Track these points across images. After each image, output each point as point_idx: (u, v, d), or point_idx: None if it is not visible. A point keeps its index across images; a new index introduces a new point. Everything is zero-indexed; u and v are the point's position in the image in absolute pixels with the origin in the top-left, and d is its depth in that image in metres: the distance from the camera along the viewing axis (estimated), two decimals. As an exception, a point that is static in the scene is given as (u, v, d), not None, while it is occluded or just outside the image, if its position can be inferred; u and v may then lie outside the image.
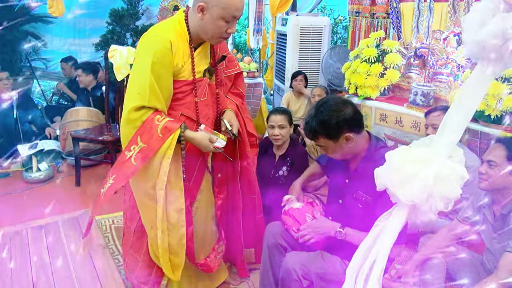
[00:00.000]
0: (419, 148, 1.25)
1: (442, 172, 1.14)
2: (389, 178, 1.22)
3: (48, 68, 5.73)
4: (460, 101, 1.19)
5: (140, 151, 1.61)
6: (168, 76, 1.67)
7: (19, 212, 2.91)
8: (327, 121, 1.58)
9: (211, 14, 1.62)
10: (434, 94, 2.88)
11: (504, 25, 1.04)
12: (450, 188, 1.14)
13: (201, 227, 2.03)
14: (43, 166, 3.60)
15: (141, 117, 1.62)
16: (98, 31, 5.52)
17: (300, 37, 4.50)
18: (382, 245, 1.25)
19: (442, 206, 1.17)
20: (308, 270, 1.65)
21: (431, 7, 3.10)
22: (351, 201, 1.70)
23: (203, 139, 1.71)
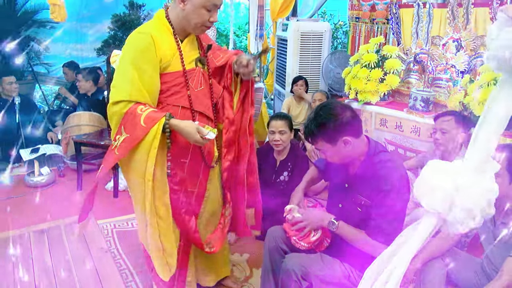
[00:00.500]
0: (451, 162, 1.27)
1: (464, 183, 1.14)
2: (416, 188, 1.23)
3: (50, 73, 5.78)
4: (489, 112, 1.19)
5: (123, 141, 1.61)
6: (153, 70, 1.67)
7: (21, 216, 2.92)
8: (326, 124, 1.60)
9: (192, 3, 1.64)
10: (434, 99, 2.91)
11: (506, 39, 1.05)
12: (472, 200, 1.14)
13: (209, 211, 2.03)
14: (45, 171, 3.61)
15: (120, 110, 1.62)
16: (100, 36, 5.57)
17: (301, 42, 4.53)
18: (405, 253, 1.26)
19: (466, 217, 1.17)
20: (307, 272, 1.67)
21: (430, 13, 3.12)
22: (351, 205, 1.71)
23: (188, 126, 1.66)
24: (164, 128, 1.63)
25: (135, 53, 1.64)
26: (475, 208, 1.17)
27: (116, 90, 1.64)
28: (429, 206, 1.21)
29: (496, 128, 1.16)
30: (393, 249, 1.33)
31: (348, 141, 1.61)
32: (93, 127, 3.91)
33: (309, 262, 1.70)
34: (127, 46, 1.69)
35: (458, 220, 1.19)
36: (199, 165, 1.90)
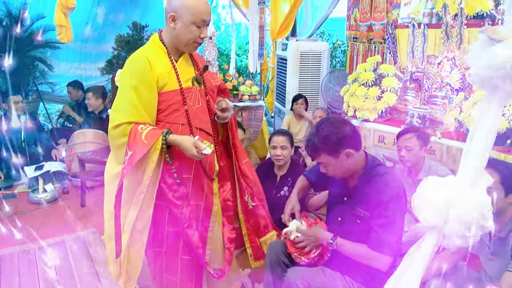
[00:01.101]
0: (445, 178, 1.33)
1: (455, 196, 1.21)
2: (413, 203, 1.30)
3: (54, 91, 5.88)
4: (477, 128, 1.26)
5: (129, 158, 1.69)
6: (150, 92, 1.75)
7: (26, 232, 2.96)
8: (329, 137, 1.66)
9: (182, 21, 1.73)
10: (430, 116, 2.98)
11: (488, 58, 1.13)
12: (464, 212, 1.20)
13: (218, 234, 2.07)
14: (49, 187, 3.67)
15: (122, 132, 1.71)
16: (104, 56, 5.70)
17: (300, 61, 4.65)
18: (414, 273, 1.31)
19: (461, 229, 1.22)
20: (309, 285, 1.71)
21: (425, 33, 3.23)
22: (350, 217, 1.77)
23: (185, 141, 1.73)
24: (162, 144, 1.71)
25: (133, 77, 1.73)
26: (469, 220, 1.23)
27: (116, 113, 1.73)
28: (425, 220, 1.27)
29: (485, 143, 1.23)
30: (401, 271, 1.38)
31: (350, 154, 1.68)
32: (97, 144, 3.98)
33: (311, 276, 1.75)
34: (125, 71, 1.78)
35: (454, 233, 1.25)
36: (203, 179, 1.96)
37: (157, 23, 5.82)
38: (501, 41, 1.12)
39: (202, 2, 1.75)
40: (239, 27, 8.06)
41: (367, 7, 4.02)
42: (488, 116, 1.20)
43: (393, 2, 3.87)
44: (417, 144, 2.52)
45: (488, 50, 1.14)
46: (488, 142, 1.23)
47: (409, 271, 1.33)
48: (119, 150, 1.75)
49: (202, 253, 1.96)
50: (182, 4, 1.72)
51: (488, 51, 1.14)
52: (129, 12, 5.90)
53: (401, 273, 1.36)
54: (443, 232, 1.26)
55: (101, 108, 4.50)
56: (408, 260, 1.37)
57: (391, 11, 3.87)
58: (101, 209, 3.40)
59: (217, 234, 2.05)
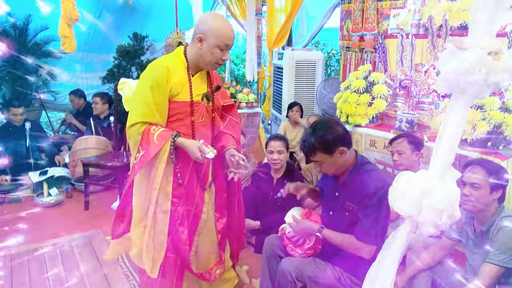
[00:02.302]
0: (418, 172, 1.49)
1: (428, 187, 1.36)
2: (391, 196, 1.45)
3: (57, 100, 6.02)
4: (445, 127, 1.42)
5: (141, 157, 1.87)
6: (164, 97, 1.93)
7: (33, 233, 3.08)
8: (325, 137, 1.82)
9: (208, 43, 1.91)
10: (418, 121, 3.15)
11: (455, 64, 1.29)
12: (436, 201, 1.35)
13: (205, 241, 2.20)
14: (53, 191, 3.79)
15: (138, 129, 1.89)
16: (105, 65, 5.84)
17: (296, 70, 4.82)
18: (391, 259, 1.47)
19: (433, 217, 1.38)
20: (301, 273, 1.85)
21: (413, 43, 3.41)
22: (340, 211, 1.92)
23: (191, 145, 1.91)
24: (170, 145, 1.89)
25: (152, 81, 1.90)
26: (440, 209, 1.38)
27: (133, 113, 1.91)
28: (401, 210, 1.43)
29: (452, 141, 1.39)
30: (381, 257, 1.54)
31: (343, 151, 1.83)
32: (99, 150, 4.11)
33: (303, 265, 1.89)
34: (146, 74, 1.95)
35: (428, 221, 1.40)
36: (196, 187, 2.12)
37: (157, 33, 6.00)
38: (466, 49, 1.29)
39: (228, 29, 1.94)
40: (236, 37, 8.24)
41: (359, 18, 4.20)
42: (455, 117, 1.36)
43: (383, 14, 4.06)
44: (408, 148, 2.66)
45: (456, 57, 1.30)
46: (455, 140, 1.39)
47: (388, 257, 1.49)
48: (136, 148, 1.92)
49: (188, 251, 2.09)
50: (210, 28, 1.89)
51: (455, 58, 1.30)
52: (129, 23, 6.06)
53: (381, 259, 1.52)
54: (417, 221, 1.42)
55: (106, 113, 4.65)
56: (387, 247, 1.52)
57: (381, 22, 4.06)
58: (104, 212, 3.55)
59: (204, 239, 2.19)
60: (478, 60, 1.26)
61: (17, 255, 2.63)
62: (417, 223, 1.45)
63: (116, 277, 2.36)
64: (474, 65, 1.26)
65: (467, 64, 1.27)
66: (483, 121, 2.54)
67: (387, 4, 4.01)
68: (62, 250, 2.67)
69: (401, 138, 2.72)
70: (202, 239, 2.17)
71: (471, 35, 1.32)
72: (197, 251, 2.16)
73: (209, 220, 2.20)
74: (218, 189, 2.25)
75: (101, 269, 2.45)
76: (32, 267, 2.48)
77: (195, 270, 2.15)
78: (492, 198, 1.97)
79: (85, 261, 2.53)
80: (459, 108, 1.37)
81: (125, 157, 3.76)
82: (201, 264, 2.19)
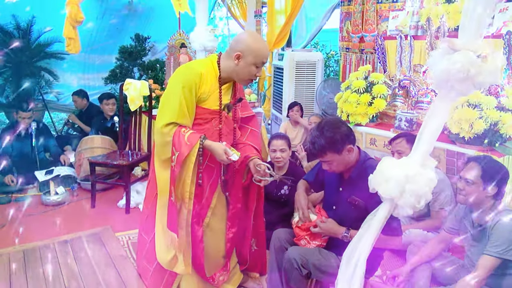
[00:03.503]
0: (400, 159, 1.60)
1: (411, 173, 1.48)
2: (374, 179, 1.55)
3: (59, 100, 6.08)
4: (429, 119, 1.54)
5: (177, 158, 1.96)
6: (193, 100, 2.03)
7: (42, 231, 3.16)
8: (333, 137, 1.89)
9: (245, 61, 1.99)
10: (417, 120, 3.24)
11: (447, 64, 1.39)
12: (418, 186, 1.48)
13: (213, 237, 2.29)
14: (60, 190, 3.86)
15: (170, 130, 1.98)
16: (107, 66, 5.92)
17: (296, 70, 4.91)
18: (369, 236, 1.58)
19: (414, 201, 1.49)
20: (307, 261, 1.94)
21: (412, 44, 3.51)
22: (345, 205, 2.01)
23: (218, 148, 2.00)
24: (199, 147, 1.98)
25: (185, 84, 1.98)
26: (420, 194, 1.50)
27: (167, 113, 1.98)
28: (385, 193, 1.54)
29: (434, 133, 1.52)
30: (360, 235, 1.66)
31: (351, 149, 1.92)
32: (105, 149, 4.19)
33: (309, 254, 1.99)
34: (179, 76, 2.03)
35: (408, 204, 1.53)
36: (204, 190, 2.19)
37: (158, 34, 6.09)
38: (458, 51, 1.39)
39: (266, 48, 2.04)
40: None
41: (359, 20, 4.31)
42: (439, 111, 1.49)
43: (382, 15, 4.16)
44: (407, 147, 2.74)
45: (448, 57, 1.41)
46: (437, 131, 1.52)
47: (366, 235, 1.62)
48: (165, 147, 2.00)
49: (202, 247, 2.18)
50: (249, 47, 1.98)
51: (447, 58, 1.41)
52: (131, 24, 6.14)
53: (360, 237, 1.64)
54: (397, 203, 1.54)
55: (114, 112, 4.74)
56: (366, 226, 1.64)
57: (380, 23, 4.16)
58: (111, 210, 3.62)
59: (209, 243, 2.26)
60: (468, 61, 1.37)
61: (30, 251, 2.70)
62: (396, 205, 1.57)
63: (128, 272, 2.44)
64: (465, 66, 1.37)
65: (459, 65, 1.38)
66: (480, 120, 2.64)
67: (386, 6, 4.11)
68: (73, 246, 2.75)
69: (400, 138, 2.80)
70: (207, 243, 2.24)
71: (461, 37, 1.43)
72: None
73: (214, 225, 2.28)
74: (233, 199, 2.31)
75: (113, 264, 2.53)
76: (45, 262, 2.56)
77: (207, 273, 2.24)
78: (485, 194, 2.05)
79: (97, 257, 2.61)
80: (444, 103, 1.49)
81: (130, 156, 3.84)
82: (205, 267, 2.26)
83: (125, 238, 3.08)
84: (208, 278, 2.28)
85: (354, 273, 1.62)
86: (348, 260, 1.63)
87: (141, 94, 3.81)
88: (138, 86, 3.81)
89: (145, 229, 2.31)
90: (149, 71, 5.68)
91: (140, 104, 3.87)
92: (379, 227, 1.58)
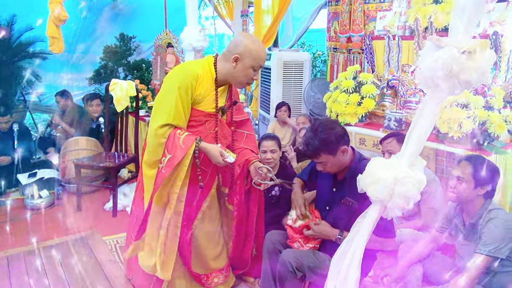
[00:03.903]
0: (389, 159, 1.59)
1: (400, 175, 1.46)
2: (363, 181, 1.54)
3: (42, 101, 5.94)
4: (417, 120, 1.53)
5: (168, 160, 1.91)
6: (189, 101, 1.99)
7: (27, 235, 3.07)
8: (327, 138, 1.87)
9: (243, 63, 1.97)
10: (406, 120, 3.26)
11: (431, 61, 1.38)
12: (407, 188, 1.46)
13: (203, 239, 2.26)
14: (44, 193, 3.76)
15: (165, 132, 1.94)
16: (91, 66, 5.81)
17: (283, 70, 4.89)
18: (360, 236, 1.56)
19: (403, 203, 1.48)
20: (301, 263, 1.93)
21: (399, 44, 3.53)
22: (339, 206, 2.00)
23: (214, 150, 1.98)
24: (194, 149, 1.94)
25: (181, 84, 1.94)
26: (410, 196, 1.49)
27: (162, 114, 1.93)
28: (374, 195, 1.52)
29: (423, 134, 1.51)
30: (351, 236, 1.64)
31: (345, 150, 1.91)
32: (90, 151, 4.10)
33: (303, 256, 1.97)
34: (175, 77, 1.99)
35: (397, 206, 1.52)
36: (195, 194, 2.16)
37: (144, 34, 6.00)
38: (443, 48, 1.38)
39: (263, 52, 2.02)
40: (222, 38, 8.29)
41: (346, 20, 4.32)
42: (427, 111, 1.48)
43: (369, 16, 4.18)
44: (398, 147, 2.74)
45: (431, 54, 1.40)
46: (426, 131, 1.51)
47: (357, 236, 1.61)
48: (158, 148, 1.95)
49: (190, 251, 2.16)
50: (247, 50, 1.96)
51: (431, 55, 1.39)
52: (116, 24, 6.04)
53: (351, 238, 1.62)
54: (386, 205, 1.53)
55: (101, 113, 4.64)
56: (356, 228, 1.63)
57: (368, 23, 4.18)
58: (97, 213, 3.55)
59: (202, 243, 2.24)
60: (451, 58, 1.35)
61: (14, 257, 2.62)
62: (385, 207, 1.56)
63: (118, 277, 2.38)
64: (447, 63, 1.35)
65: (441, 62, 1.36)
66: (469, 119, 2.66)
67: (373, 6, 4.13)
68: (59, 251, 2.67)
69: (391, 138, 2.81)
70: (197, 245, 2.22)
71: (450, 35, 1.42)
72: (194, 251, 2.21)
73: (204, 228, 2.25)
74: (237, 205, 2.28)
75: (101, 269, 2.47)
76: (31, 268, 2.48)
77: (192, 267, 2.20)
78: (476, 193, 2.06)
79: (84, 262, 2.54)
80: (432, 103, 1.48)
81: (117, 158, 3.76)
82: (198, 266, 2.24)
83: (113, 242, 3.02)
84: (200, 279, 2.25)
85: (346, 277, 1.59)
86: (338, 265, 1.61)
87: (127, 94, 3.75)
88: (125, 86, 3.74)
89: (135, 231, 2.26)
90: (134, 71, 5.60)
91: (126, 104, 3.80)
92: (370, 229, 1.57)
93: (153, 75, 4.89)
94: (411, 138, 1.51)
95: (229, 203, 2.31)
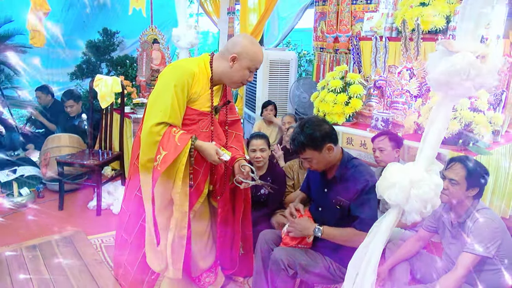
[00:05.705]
0: (406, 164, 1.59)
1: (416, 178, 1.47)
2: (380, 185, 1.54)
3: (21, 96, 5.75)
4: (431, 124, 1.53)
5: (163, 157, 1.87)
6: (184, 100, 1.96)
7: (7, 235, 2.97)
8: (313, 134, 1.90)
9: (240, 64, 1.95)
10: (392, 120, 3.30)
11: (446, 66, 1.40)
12: (423, 191, 1.47)
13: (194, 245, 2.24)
14: (24, 191, 3.66)
15: (160, 130, 1.90)
16: (73, 61, 5.67)
17: (270, 69, 4.90)
18: (378, 241, 1.57)
19: (420, 206, 1.49)
20: (293, 261, 1.93)
21: (386, 45, 3.57)
22: (330, 205, 2.01)
23: (210, 148, 1.96)
24: (190, 148, 1.91)
25: (177, 82, 1.91)
26: (426, 199, 1.50)
27: (158, 112, 1.89)
28: (390, 199, 1.54)
29: (438, 135, 1.52)
30: (369, 240, 1.64)
31: (331, 148, 1.92)
32: (73, 148, 4.00)
33: (295, 254, 1.98)
34: (171, 74, 1.95)
35: (414, 209, 1.52)
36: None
37: (127, 29, 5.89)
38: (457, 52, 1.40)
39: (261, 54, 2.00)
40: (206, 35, 8.23)
41: (333, 20, 4.34)
42: (441, 114, 1.49)
43: (356, 16, 4.21)
44: (389, 145, 2.79)
45: (446, 59, 1.41)
46: (440, 135, 1.52)
47: (374, 240, 1.60)
48: (152, 146, 1.91)
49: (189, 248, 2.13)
50: (245, 51, 1.94)
51: (446, 60, 1.41)
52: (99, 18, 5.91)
53: (368, 242, 1.63)
54: (404, 209, 1.54)
55: (79, 111, 4.52)
56: (374, 231, 1.63)
57: (355, 24, 4.21)
58: (81, 212, 3.47)
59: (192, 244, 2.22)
60: (468, 63, 1.38)
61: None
62: (403, 211, 1.57)
63: (105, 277, 2.33)
64: (465, 67, 1.38)
65: (458, 66, 1.38)
66: (455, 120, 2.72)
67: (360, 7, 4.16)
68: (43, 251, 2.59)
69: (383, 136, 2.84)
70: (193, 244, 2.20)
71: (458, 39, 1.44)
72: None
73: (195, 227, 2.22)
74: (221, 202, 2.28)
75: (87, 270, 2.40)
76: (13, 270, 2.39)
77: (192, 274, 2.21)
78: (468, 194, 2.10)
79: (70, 262, 2.47)
80: (446, 106, 1.50)
81: (101, 156, 3.68)
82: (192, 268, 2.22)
83: (98, 241, 2.95)
84: (194, 279, 2.23)
85: (362, 281, 1.60)
86: (354, 269, 1.61)
87: (112, 91, 3.67)
88: (110, 82, 3.67)
89: (127, 229, 2.22)
90: (118, 67, 5.49)
91: (111, 101, 3.72)
92: (387, 234, 1.57)
93: (138, 71, 4.81)
94: (426, 142, 1.52)
95: (213, 200, 2.30)
